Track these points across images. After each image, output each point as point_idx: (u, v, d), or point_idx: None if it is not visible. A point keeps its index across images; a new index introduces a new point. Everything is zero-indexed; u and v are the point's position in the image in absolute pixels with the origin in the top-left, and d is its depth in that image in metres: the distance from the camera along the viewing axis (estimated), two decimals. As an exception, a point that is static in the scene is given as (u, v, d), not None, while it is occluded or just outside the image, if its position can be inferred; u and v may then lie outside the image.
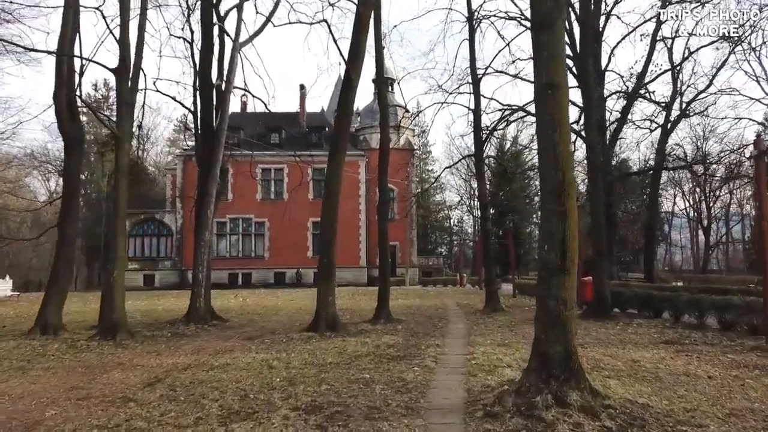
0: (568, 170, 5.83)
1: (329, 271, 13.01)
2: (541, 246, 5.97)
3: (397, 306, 19.92)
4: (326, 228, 13.05)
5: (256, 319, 16.57)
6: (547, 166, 5.90)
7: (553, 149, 5.84)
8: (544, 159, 5.97)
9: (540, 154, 6.09)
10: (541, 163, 6.08)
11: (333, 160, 13.11)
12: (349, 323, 14.39)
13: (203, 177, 15.79)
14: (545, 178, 5.96)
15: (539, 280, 5.96)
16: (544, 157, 5.99)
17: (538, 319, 5.97)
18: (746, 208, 69.26)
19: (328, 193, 13.10)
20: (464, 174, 69.67)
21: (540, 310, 5.91)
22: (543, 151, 5.99)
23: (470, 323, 14.50)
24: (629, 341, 10.92)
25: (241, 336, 12.66)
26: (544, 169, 6.00)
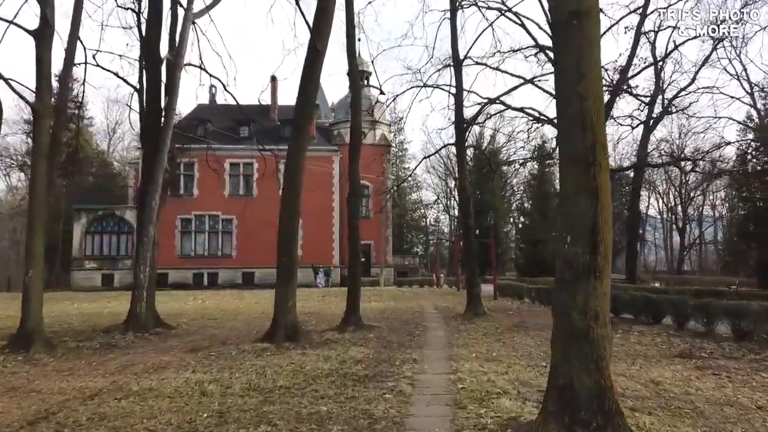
0: (599, 130, 4.17)
1: (290, 272, 11.21)
2: (560, 238, 4.29)
3: (370, 309, 18.17)
4: (287, 220, 11.25)
5: (210, 325, 14.66)
6: (570, 125, 4.23)
7: (579, 102, 4.17)
8: (566, 117, 4.30)
9: (560, 111, 4.42)
10: (561, 123, 4.41)
11: (295, 142, 11.30)
12: (313, 331, 12.60)
13: (149, 163, 13.82)
14: (567, 143, 4.29)
15: (558, 286, 4.29)
16: (565, 114, 4.32)
17: (556, 338, 4.29)
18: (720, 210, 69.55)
19: (289, 179, 11.30)
20: (441, 173, 68.45)
21: (559, 327, 4.24)
22: (564, 105, 4.32)
23: (451, 330, 12.84)
24: (637, 354, 9.37)
25: (184, 347, 10.78)
26: (565, 131, 4.33)
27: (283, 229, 11.28)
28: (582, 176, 4.11)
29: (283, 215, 11.28)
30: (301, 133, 11.33)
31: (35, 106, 10.28)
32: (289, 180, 11.29)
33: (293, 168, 11.25)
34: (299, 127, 11.33)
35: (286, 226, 11.25)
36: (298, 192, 11.34)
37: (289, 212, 11.24)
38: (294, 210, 11.27)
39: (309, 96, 11.38)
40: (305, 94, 11.32)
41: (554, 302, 4.40)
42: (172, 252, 41.81)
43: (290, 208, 11.23)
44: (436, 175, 69.09)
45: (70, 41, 13.80)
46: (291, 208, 11.25)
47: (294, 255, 11.22)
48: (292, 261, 11.21)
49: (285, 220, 11.25)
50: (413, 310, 18.23)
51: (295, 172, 11.26)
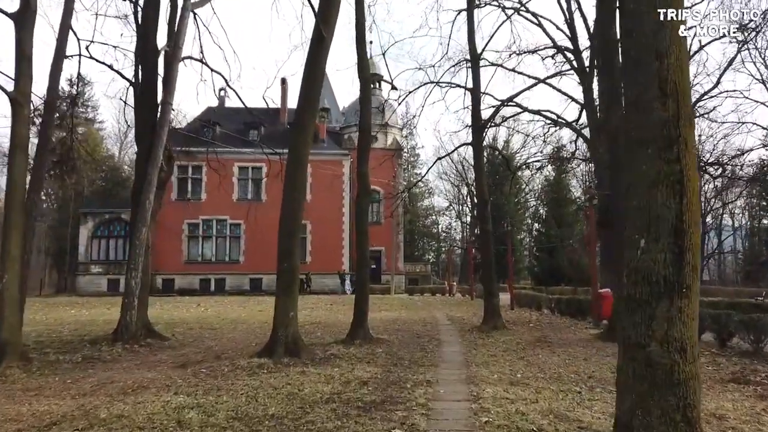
0: (683, 96, 3.09)
1: (290, 279, 10.18)
2: (630, 242, 3.21)
3: (380, 320, 17.11)
4: (287, 222, 10.23)
5: (207, 335, 13.67)
6: (643, 92, 3.15)
7: (656, 60, 3.09)
8: (637, 81, 3.22)
9: (628, 69, 3.33)
10: (629, 87, 3.33)
11: (298, 135, 10.29)
12: (317, 344, 11.55)
13: (142, 161, 12.90)
14: (637, 115, 3.21)
15: (627, 306, 3.21)
16: (635, 79, 3.24)
17: (625, 379, 3.21)
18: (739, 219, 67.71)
19: (290, 174, 10.28)
20: (453, 178, 67.30)
21: (629, 363, 3.16)
22: (633, 67, 3.24)
23: (467, 345, 11.72)
24: (683, 377, 8.20)
25: (174, 362, 9.78)
26: (634, 100, 3.24)
27: (283, 232, 10.26)
28: (660, 158, 3.04)
29: (284, 216, 10.26)
30: (304, 125, 10.33)
31: (12, 95, 9.37)
32: (290, 176, 10.28)
33: (295, 162, 10.25)
34: (302, 120, 10.33)
35: (287, 228, 10.23)
36: (300, 189, 10.34)
37: (289, 212, 10.22)
38: (295, 210, 10.25)
39: (313, 87, 10.39)
40: (309, 85, 10.33)
41: (622, 329, 3.30)
42: (178, 257, 41.11)
43: (291, 207, 10.21)
44: (449, 181, 68.01)
45: (62, 31, 12.93)
46: (292, 207, 10.23)
47: (295, 260, 10.19)
48: (293, 267, 10.18)
49: (285, 222, 10.23)
50: (425, 321, 17.13)
51: (297, 166, 10.25)
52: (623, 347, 3.16)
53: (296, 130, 10.31)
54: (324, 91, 59.35)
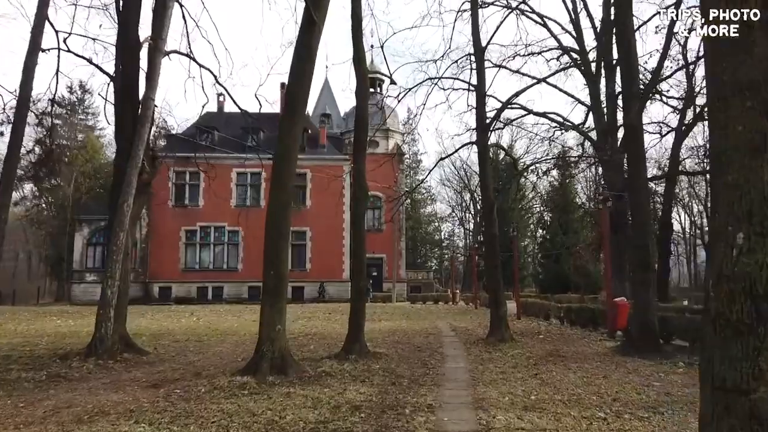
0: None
1: (278, 289, 9.22)
2: (721, 235, 2.22)
3: (378, 331, 16.11)
4: (274, 224, 9.27)
5: (191, 349, 12.68)
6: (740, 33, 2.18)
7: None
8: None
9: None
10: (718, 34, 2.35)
11: (286, 127, 9.33)
12: (308, 359, 10.57)
13: (122, 161, 11.97)
14: (728, 59, 2.24)
15: (716, 330, 2.22)
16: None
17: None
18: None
19: (277, 170, 9.34)
20: (456, 184, 66.37)
21: (721, 413, 2.16)
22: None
23: (473, 360, 10.72)
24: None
25: (148, 380, 8.81)
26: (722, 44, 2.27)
27: (270, 235, 9.30)
28: (763, 115, 2.08)
29: (271, 216, 9.31)
30: (294, 113, 9.37)
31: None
32: (278, 170, 9.34)
33: (284, 155, 9.31)
34: (292, 108, 9.38)
35: (275, 230, 9.27)
36: (289, 186, 9.37)
37: (277, 212, 9.27)
38: (284, 209, 9.30)
39: (302, 75, 9.46)
40: (298, 73, 9.40)
41: (707, 363, 2.30)
42: (175, 265, 40.18)
43: (279, 206, 9.27)
44: (451, 187, 67.15)
45: (37, 21, 12.14)
46: (280, 206, 9.28)
47: (283, 268, 9.23)
48: (280, 275, 9.21)
49: (272, 223, 9.28)
50: (428, 331, 16.12)
51: (285, 159, 9.31)
52: (711, 391, 2.18)
53: (285, 120, 9.36)
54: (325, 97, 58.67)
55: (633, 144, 11.63)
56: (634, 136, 11.60)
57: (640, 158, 11.53)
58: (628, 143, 11.89)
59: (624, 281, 29.08)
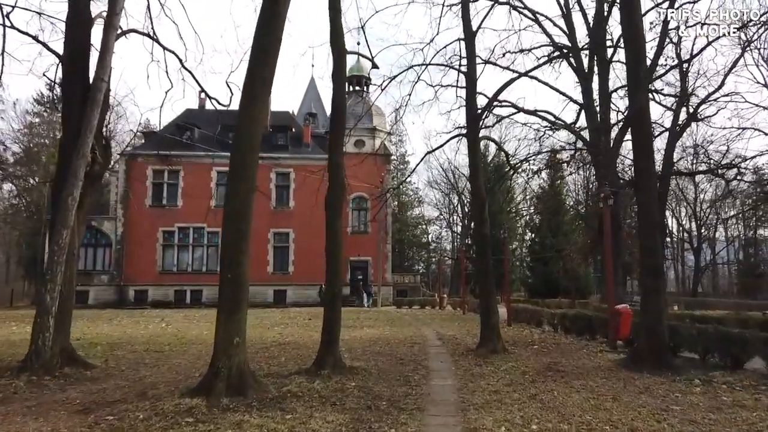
0: None
1: (236, 296, 7.94)
2: None
3: (360, 339, 14.85)
4: (234, 220, 7.99)
5: (147, 361, 11.31)
6: None
7: None
8: None
9: None
10: None
11: (246, 108, 8.04)
12: (274, 375, 9.29)
13: (67, 150, 10.60)
14: None
15: None
16: None
17: None
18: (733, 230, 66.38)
19: (238, 164, 8.05)
20: (444, 186, 65.29)
21: None
22: None
23: (462, 375, 9.48)
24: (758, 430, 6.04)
25: (81, 403, 7.49)
26: None
27: (228, 233, 8.03)
28: None
29: (230, 213, 8.03)
30: (254, 97, 8.08)
31: None
32: (237, 161, 8.06)
33: (244, 144, 8.03)
34: (253, 90, 8.09)
35: (234, 228, 7.99)
36: (250, 178, 8.08)
37: (237, 208, 7.99)
38: (244, 204, 8.01)
39: (266, 48, 8.19)
40: (261, 46, 8.13)
41: None
42: (152, 267, 38.64)
43: (239, 201, 7.99)
44: (439, 189, 66.10)
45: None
46: (240, 201, 8.00)
47: (242, 271, 7.94)
48: (239, 280, 7.93)
49: (231, 220, 8.00)
50: (413, 340, 14.86)
51: (246, 149, 8.02)
52: None
53: (245, 104, 8.07)
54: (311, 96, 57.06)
55: (641, 134, 10.47)
56: (641, 125, 10.45)
57: (648, 150, 10.39)
58: (636, 133, 10.71)
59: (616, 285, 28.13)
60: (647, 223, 10.28)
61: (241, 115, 8.09)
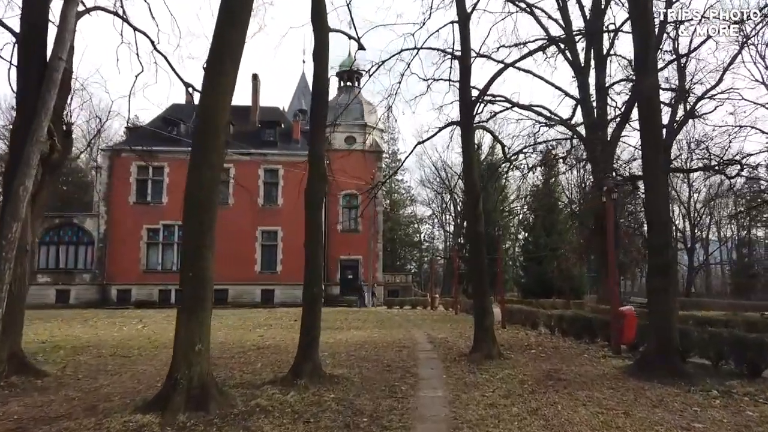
0: None
1: (198, 296, 7.00)
2: None
3: (345, 342, 13.92)
4: (195, 210, 7.06)
5: (110, 368, 10.32)
6: None
7: None
8: None
9: None
10: None
11: (211, 86, 7.10)
12: (245, 384, 8.35)
13: (20, 136, 9.61)
14: None
15: None
16: None
17: None
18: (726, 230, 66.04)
19: (200, 147, 7.11)
20: (436, 186, 64.47)
21: None
22: None
23: (454, 386, 8.57)
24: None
25: (20, 418, 6.57)
26: None
27: (189, 225, 7.10)
28: None
29: (191, 202, 7.10)
30: (220, 72, 7.12)
31: None
32: (200, 143, 7.12)
33: (207, 124, 7.08)
34: (220, 57, 7.12)
35: (195, 219, 7.06)
36: (216, 163, 7.14)
37: (199, 196, 7.06)
38: (208, 193, 7.07)
39: (231, 11, 7.23)
40: (227, 11, 7.18)
41: None
42: (136, 266, 37.44)
43: (202, 189, 7.05)
44: (431, 188, 65.31)
45: None
46: (203, 189, 7.06)
47: (205, 267, 7.00)
48: (202, 278, 6.99)
49: (193, 210, 7.07)
50: (401, 343, 13.94)
51: (210, 130, 7.07)
52: None
53: (209, 77, 7.12)
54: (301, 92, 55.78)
55: (649, 124, 9.58)
56: (650, 115, 9.57)
57: (657, 141, 9.51)
58: (644, 123, 9.80)
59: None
60: (655, 218, 9.41)
61: (205, 91, 7.15)
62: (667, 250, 9.47)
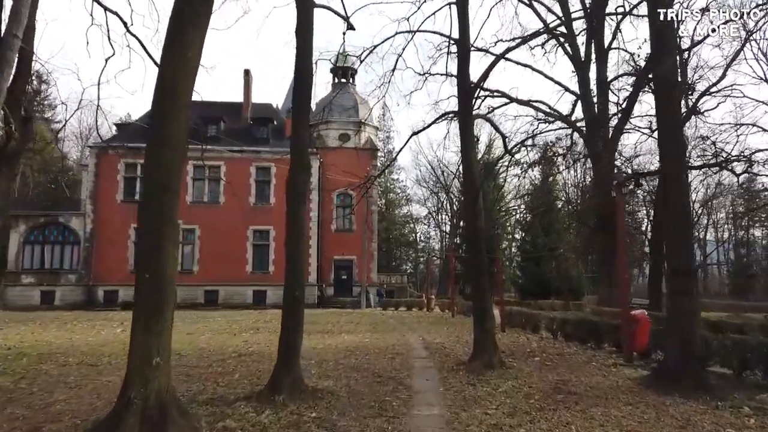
0: None
1: (156, 301, 6.03)
2: None
3: (335, 349, 12.95)
4: (154, 199, 6.10)
5: (71, 379, 9.30)
6: None
7: None
8: None
9: None
10: None
11: (173, 46, 6.12)
12: (216, 400, 7.38)
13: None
14: None
15: None
16: None
17: None
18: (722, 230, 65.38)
19: (161, 120, 6.15)
20: (432, 185, 63.56)
21: None
22: None
23: (452, 401, 7.62)
24: None
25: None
26: None
27: (145, 217, 6.14)
28: None
29: (148, 188, 6.15)
30: (182, 30, 6.14)
31: None
32: (156, 119, 6.16)
33: (165, 94, 6.12)
34: (180, 16, 6.15)
35: (153, 209, 6.10)
36: (177, 143, 6.17)
37: (158, 182, 6.09)
38: (166, 177, 6.09)
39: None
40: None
41: None
42: (123, 266, 36.32)
43: (160, 174, 6.08)
44: (427, 187, 64.41)
45: None
46: (163, 173, 6.09)
47: (164, 268, 6.04)
48: (160, 280, 6.02)
49: (150, 198, 6.12)
50: (395, 350, 12.98)
51: (170, 98, 6.11)
52: None
53: (170, 45, 6.15)
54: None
55: (668, 109, 8.64)
56: (668, 99, 8.63)
57: (677, 128, 8.58)
58: (662, 107, 8.85)
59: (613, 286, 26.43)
60: (677, 212, 8.47)
61: (165, 62, 6.18)
62: (688, 247, 8.56)
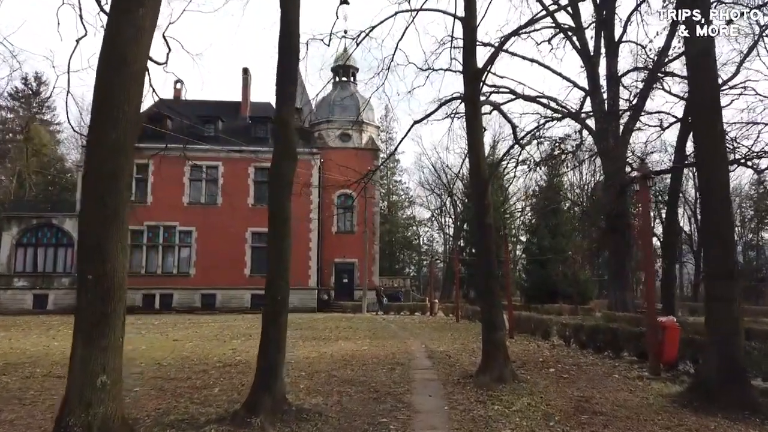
0: None
1: (102, 309, 5.00)
2: None
3: (330, 358, 11.88)
4: (98, 190, 5.09)
5: (30, 394, 8.25)
6: None
7: None
8: None
9: None
10: None
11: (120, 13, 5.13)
12: (185, 422, 6.33)
13: None
14: None
15: None
16: None
17: None
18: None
19: (107, 100, 5.14)
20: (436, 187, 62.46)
21: None
22: None
23: (459, 424, 6.55)
24: None
25: None
26: None
27: (88, 206, 5.12)
28: None
29: (92, 179, 5.12)
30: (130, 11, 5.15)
31: None
32: (103, 87, 5.14)
33: (114, 56, 5.10)
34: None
35: (97, 202, 5.07)
36: (123, 116, 5.15)
37: (103, 167, 5.07)
38: (113, 163, 5.08)
39: None
40: None
41: None
42: (118, 269, 35.39)
43: (104, 159, 5.06)
44: (430, 189, 63.28)
45: None
46: (109, 160, 5.07)
47: (111, 270, 5.01)
48: (107, 284, 4.99)
49: (95, 184, 5.09)
50: (395, 359, 11.89)
51: (116, 77, 5.10)
52: None
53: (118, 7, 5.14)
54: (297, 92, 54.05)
55: (704, 86, 7.55)
56: (706, 76, 7.53)
57: (716, 113, 7.47)
58: (698, 91, 7.72)
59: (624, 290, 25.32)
60: (715, 206, 7.38)
61: (113, 10, 5.16)
62: (730, 246, 7.47)
